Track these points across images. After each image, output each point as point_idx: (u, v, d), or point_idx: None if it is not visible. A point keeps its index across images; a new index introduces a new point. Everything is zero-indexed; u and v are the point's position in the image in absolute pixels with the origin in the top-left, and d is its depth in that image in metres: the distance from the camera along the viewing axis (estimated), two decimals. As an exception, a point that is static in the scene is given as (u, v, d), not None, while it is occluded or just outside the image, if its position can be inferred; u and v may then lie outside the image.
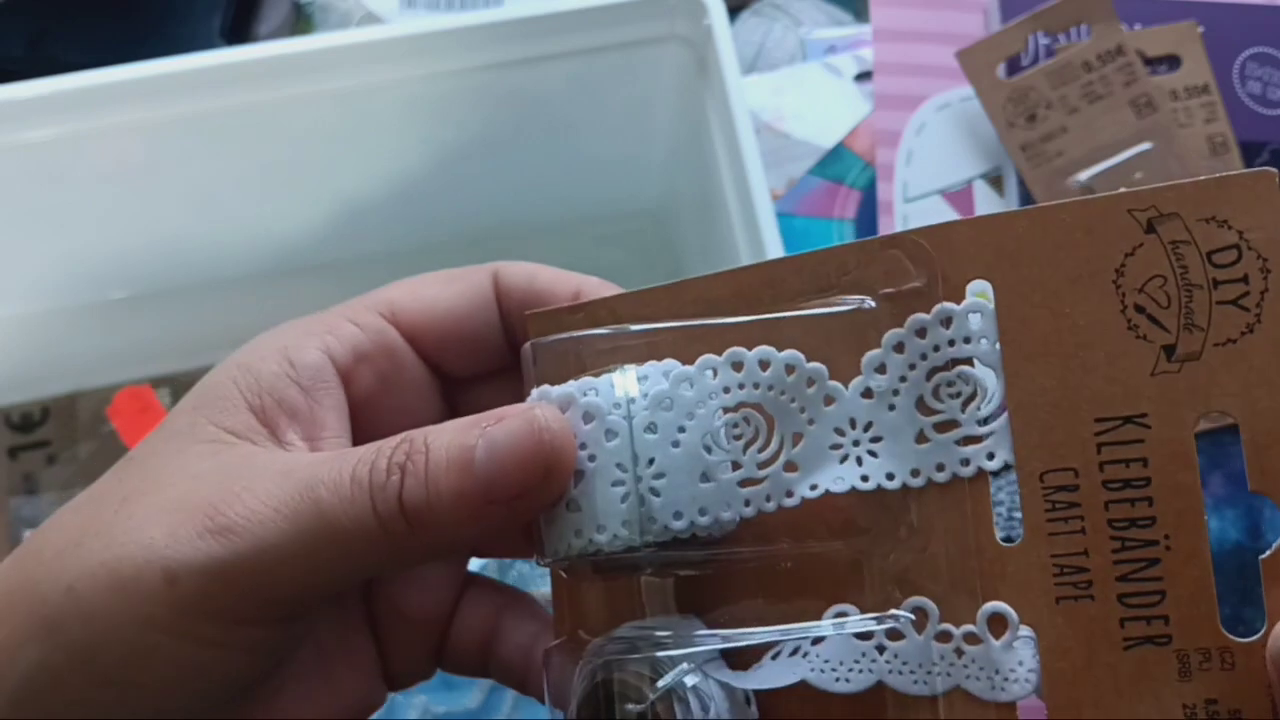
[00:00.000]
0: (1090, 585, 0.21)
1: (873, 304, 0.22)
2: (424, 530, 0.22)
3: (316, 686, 0.25)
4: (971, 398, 0.22)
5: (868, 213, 0.55)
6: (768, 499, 0.22)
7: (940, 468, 0.22)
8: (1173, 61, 0.49)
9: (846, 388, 0.22)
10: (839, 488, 0.22)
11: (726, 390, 0.22)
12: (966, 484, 0.22)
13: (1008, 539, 0.22)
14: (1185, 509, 0.20)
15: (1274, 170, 0.20)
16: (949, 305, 0.22)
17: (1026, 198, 0.47)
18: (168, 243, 0.53)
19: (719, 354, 0.23)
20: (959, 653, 0.22)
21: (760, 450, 0.23)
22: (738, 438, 0.23)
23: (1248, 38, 0.50)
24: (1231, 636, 0.20)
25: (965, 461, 0.22)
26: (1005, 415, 0.21)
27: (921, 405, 0.22)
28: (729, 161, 0.45)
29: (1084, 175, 0.47)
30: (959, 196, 0.50)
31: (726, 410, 0.23)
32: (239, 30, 0.60)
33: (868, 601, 0.22)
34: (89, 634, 0.21)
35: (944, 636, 0.22)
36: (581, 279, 0.26)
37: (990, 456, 0.22)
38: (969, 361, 0.22)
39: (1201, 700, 0.20)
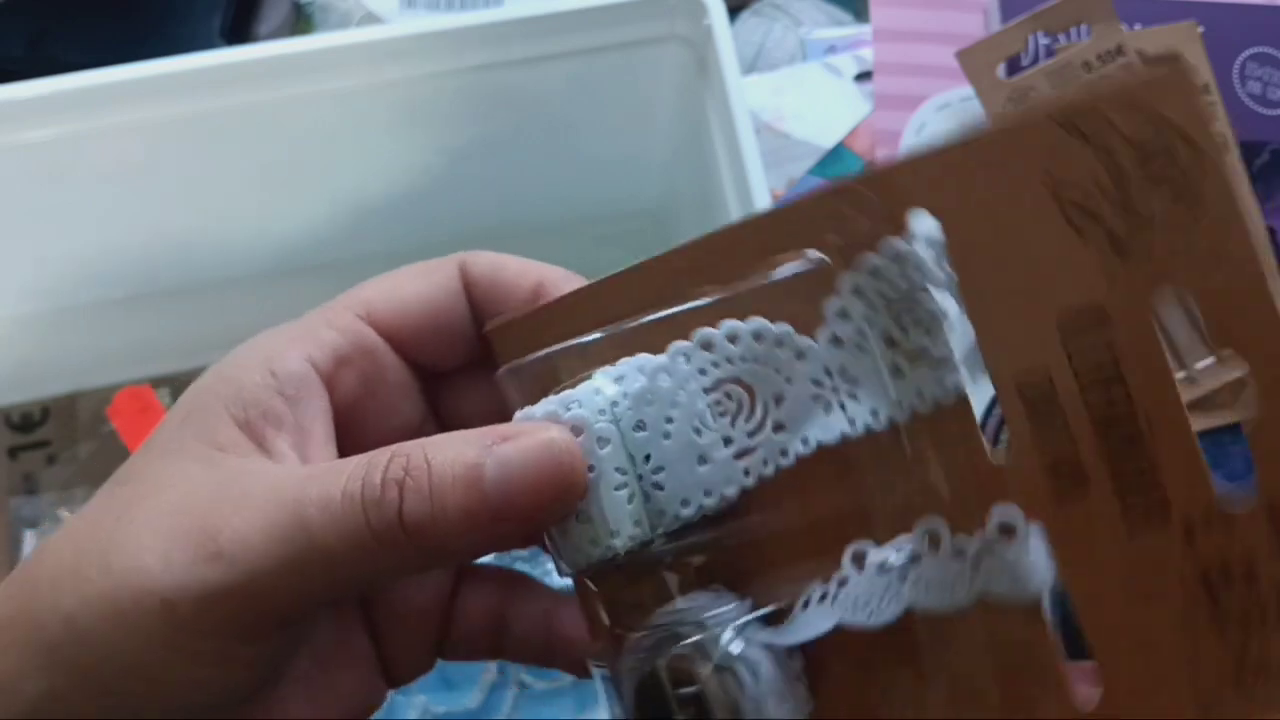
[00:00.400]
0: (1086, 478, 0.21)
1: (825, 258, 0.23)
2: (425, 545, 0.22)
3: (316, 689, 0.25)
4: (936, 324, 0.22)
5: (868, 213, 0.55)
6: (765, 464, 0.23)
7: (921, 396, 0.22)
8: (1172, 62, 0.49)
9: (815, 339, 0.23)
10: (830, 437, 0.23)
11: (702, 371, 0.23)
12: (950, 407, 0.22)
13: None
14: (1158, 387, 0.21)
15: (1181, 65, 0.21)
16: (897, 241, 0.22)
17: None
18: (168, 243, 0.53)
19: (688, 338, 0.23)
20: (976, 564, 0.22)
21: (747, 420, 0.23)
22: (723, 414, 0.23)
23: (1247, 38, 0.50)
24: (1227, 496, 0.21)
25: (943, 384, 0.22)
26: (972, 334, 0.22)
27: (890, 341, 0.23)
28: (729, 161, 0.45)
29: (1084, 175, 0.47)
30: (959, 196, 0.50)
31: (707, 390, 0.23)
32: (239, 30, 0.60)
33: (881, 537, 0.23)
34: (90, 658, 0.22)
35: (959, 553, 0.22)
36: (542, 270, 0.26)
37: (967, 375, 0.22)
38: (926, 291, 0.22)
39: (1212, 560, 0.21)
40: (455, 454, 0.22)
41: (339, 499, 0.22)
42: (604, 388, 0.23)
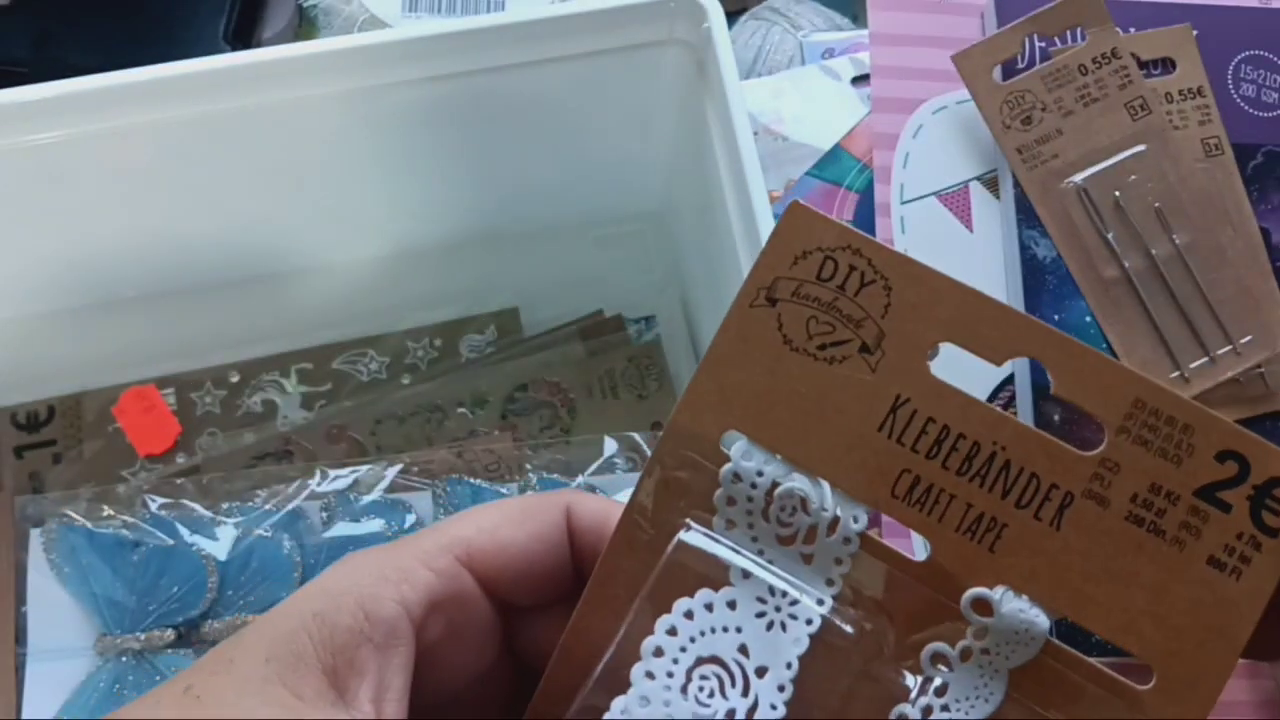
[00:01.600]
0: (994, 520, 0.23)
1: (689, 527, 0.25)
2: None
3: None
4: (803, 501, 0.24)
5: (865, 215, 0.55)
6: (773, 708, 0.24)
7: (839, 561, 0.24)
8: (1167, 64, 0.50)
9: (731, 583, 0.24)
10: (802, 647, 0.24)
11: (670, 674, 0.24)
12: (861, 551, 0.24)
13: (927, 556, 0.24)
14: (976, 414, 0.23)
15: (797, 201, 0.24)
16: (725, 468, 0.24)
17: (1022, 199, 0.48)
18: (173, 244, 0.53)
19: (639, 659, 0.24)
20: (985, 651, 0.23)
21: (734, 685, 0.24)
22: (711, 694, 0.24)
23: (1242, 41, 0.51)
24: (1071, 447, 0.23)
25: (846, 541, 0.24)
26: (831, 490, 0.24)
27: (781, 540, 0.24)
28: (728, 163, 0.46)
29: (1079, 177, 0.47)
30: (955, 198, 0.50)
31: (685, 686, 0.24)
32: (243, 34, 0.60)
33: (905, 692, 0.24)
34: None
35: (966, 653, 0.23)
36: None
37: (855, 520, 0.24)
38: (775, 484, 0.24)
39: (1132, 502, 0.23)
40: None
41: None
42: None
